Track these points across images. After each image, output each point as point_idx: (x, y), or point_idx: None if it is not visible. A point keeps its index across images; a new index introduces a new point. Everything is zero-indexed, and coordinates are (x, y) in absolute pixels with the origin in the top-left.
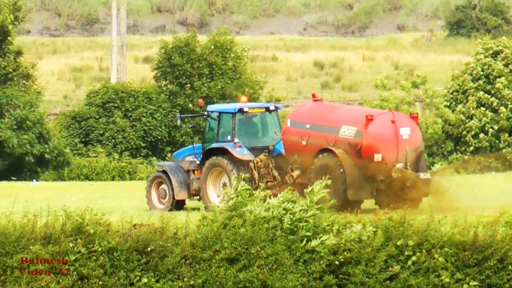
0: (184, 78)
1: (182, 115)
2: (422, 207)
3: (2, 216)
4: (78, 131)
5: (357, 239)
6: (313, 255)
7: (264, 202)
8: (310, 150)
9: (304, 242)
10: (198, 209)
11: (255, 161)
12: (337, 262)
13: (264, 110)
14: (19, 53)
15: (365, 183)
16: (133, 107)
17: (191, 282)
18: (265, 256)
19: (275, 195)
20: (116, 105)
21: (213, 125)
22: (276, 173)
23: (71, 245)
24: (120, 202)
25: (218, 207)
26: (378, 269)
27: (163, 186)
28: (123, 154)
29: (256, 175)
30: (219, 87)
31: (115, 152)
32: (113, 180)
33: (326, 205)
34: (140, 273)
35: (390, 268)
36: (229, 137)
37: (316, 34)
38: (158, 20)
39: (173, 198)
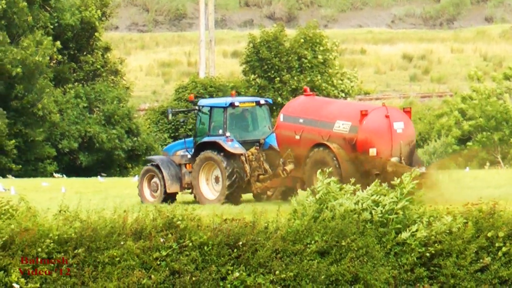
0: (272, 72)
1: (173, 110)
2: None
3: (93, 212)
4: (167, 126)
5: (447, 231)
6: (404, 248)
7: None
8: (304, 145)
9: (395, 234)
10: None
11: (246, 155)
12: (428, 254)
13: (254, 104)
14: (107, 49)
15: (360, 177)
16: None
17: (283, 276)
18: (356, 248)
19: (266, 188)
20: None
21: (204, 119)
22: (267, 166)
23: (162, 240)
24: None
25: (307, 200)
26: (469, 261)
27: (155, 179)
28: None
29: (247, 168)
30: (308, 79)
31: None
32: None
33: (416, 197)
34: (232, 267)
35: (481, 260)
36: (220, 131)
37: (404, 26)
38: (246, 15)
39: (165, 191)
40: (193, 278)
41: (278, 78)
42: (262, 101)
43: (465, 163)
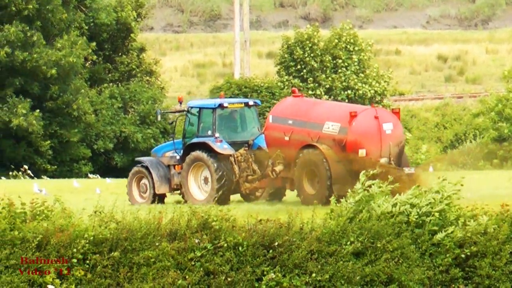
0: (306, 71)
1: (162, 111)
2: None
3: (128, 213)
4: None
5: (482, 232)
6: (439, 249)
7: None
8: (293, 146)
9: (430, 235)
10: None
11: (235, 155)
12: (463, 255)
13: (243, 105)
14: (142, 49)
15: (350, 178)
16: None
17: (318, 277)
18: (391, 250)
19: (255, 188)
20: None
21: (193, 120)
22: (256, 167)
23: (196, 241)
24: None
25: (346, 201)
26: (504, 262)
27: (144, 180)
28: None
29: (236, 169)
30: (343, 79)
31: None
32: None
33: (456, 198)
34: (267, 268)
35: None
36: (209, 132)
37: (439, 27)
38: (281, 15)
39: (154, 192)
40: (228, 279)
41: (311, 78)
42: (250, 102)
43: (500, 163)
